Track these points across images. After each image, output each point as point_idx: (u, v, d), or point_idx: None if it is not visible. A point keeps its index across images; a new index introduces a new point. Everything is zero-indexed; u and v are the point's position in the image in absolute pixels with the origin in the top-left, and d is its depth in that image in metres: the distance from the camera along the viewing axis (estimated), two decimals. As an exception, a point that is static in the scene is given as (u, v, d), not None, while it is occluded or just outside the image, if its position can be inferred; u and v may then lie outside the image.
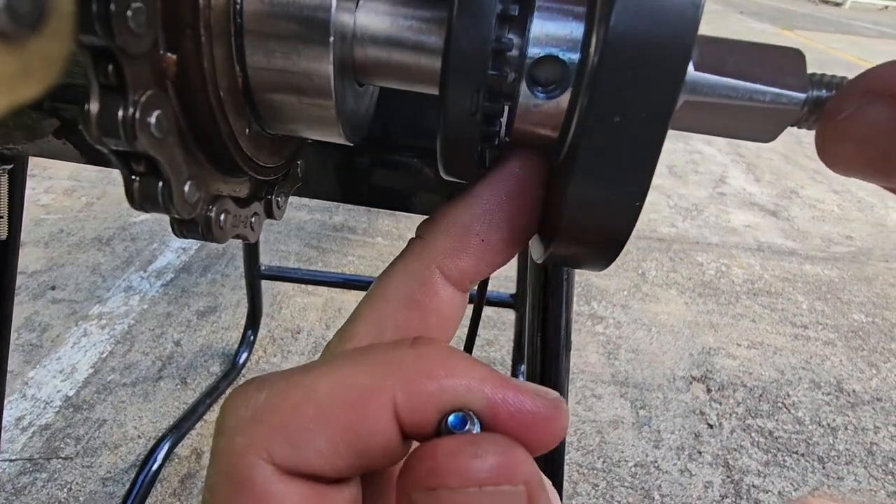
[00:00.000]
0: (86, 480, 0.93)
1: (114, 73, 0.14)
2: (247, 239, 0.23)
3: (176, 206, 0.17)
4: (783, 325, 1.42)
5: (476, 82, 0.16)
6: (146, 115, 0.15)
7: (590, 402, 1.16)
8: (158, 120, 0.15)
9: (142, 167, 0.16)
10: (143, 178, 0.16)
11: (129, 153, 0.15)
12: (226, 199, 0.21)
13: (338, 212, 1.75)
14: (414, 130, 0.35)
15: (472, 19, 0.15)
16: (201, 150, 0.19)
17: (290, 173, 0.26)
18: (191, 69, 0.16)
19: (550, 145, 0.18)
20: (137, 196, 0.16)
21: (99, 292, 1.33)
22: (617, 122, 0.13)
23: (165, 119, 0.16)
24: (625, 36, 0.13)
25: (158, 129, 0.15)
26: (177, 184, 0.17)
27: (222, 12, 0.17)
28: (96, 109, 0.14)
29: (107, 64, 0.14)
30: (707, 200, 2.01)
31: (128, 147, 0.15)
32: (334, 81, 0.18)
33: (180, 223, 0.19)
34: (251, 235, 0.23)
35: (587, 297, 1.46)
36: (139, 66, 0.15)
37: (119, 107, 0.14)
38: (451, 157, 0.19)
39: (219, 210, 0.20)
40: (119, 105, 0.14)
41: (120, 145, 0.15)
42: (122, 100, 0.14)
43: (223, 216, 0.20)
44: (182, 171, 0.17)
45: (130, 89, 0.14)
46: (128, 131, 0.14)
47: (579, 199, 0.15)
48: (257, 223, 0.23)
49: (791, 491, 1.01)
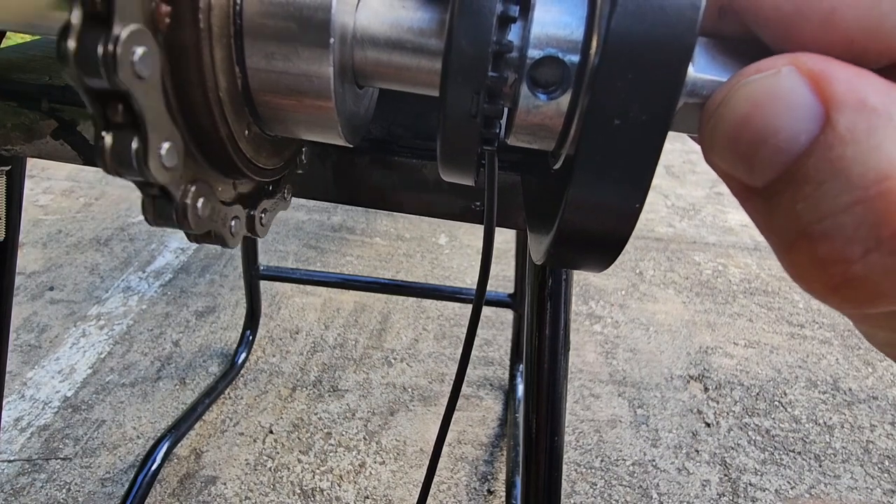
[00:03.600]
0: (84, 481, 0.93)
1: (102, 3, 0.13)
2: (224, 244, 0.20)
3: (151, 170, 0.15)
4: (780, 324, 1.42)
5: (476, 84, 0.16)
6: (129, 49, 0.13)
7: (588, 402, 1.16)
8: (143, 57, 0.14)
9: (119, 117, 0.14)
10: (118, 133, 0.15)
11: (108, 94, 0.14)
12: (206, 184, 0.19)
13: (336, 212, 1.75)
14: (413, 131, 0.35)
15: (473, 21, 0.15)
16: (200, 150, 0.19)
17: (276, 192, 0.25)
18: (190, 69, 0.16)
19: (550, 147, 0.18)
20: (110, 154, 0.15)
21: (97, 293, 1.33)
22: (617, 124, 0.13)
23: (150, 58, 0.14)
24: (625, 38, 0.13)
25: (143, 67, 0.14)
26: (154, 142, 0.15)
27: (222, 13, 0.17)
28: (75, 41, 0.13)
29: None
30: (704, 200, 2.01)
31: (106, 84, 0.13)
32: (334, 83, 0.18)
33: (153, 199, 0.17)
34: (230, 240, 0.21)
35: (585, 297, 1.47)
36: None
37: (100, 39, 0.13)
38: (450, 158, 0.19)
39: (197, 193, 0.18)
40: (101, 37, 0.13)
41: (96, 83, 0.13)
42: (105, 31, 0.13)
43: (201, 201, 0.18)
44: (162, 129, 0.15)
45: (116, 20, 0.13)
46: (108, 64, 0.13)
47: (579, 201, 0.15)
48: (237, 228, 0.22)
49: (788, 489, 1.02)
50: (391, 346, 1.26)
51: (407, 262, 1.56)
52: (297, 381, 1.15)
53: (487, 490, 0.98)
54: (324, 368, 1.19)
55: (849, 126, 0.12)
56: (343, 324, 1.32)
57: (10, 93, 0.34)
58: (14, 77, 0.35)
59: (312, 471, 0.98)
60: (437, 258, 1.58)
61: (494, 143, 0.18)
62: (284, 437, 1.03)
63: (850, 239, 0.12)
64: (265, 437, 1.03)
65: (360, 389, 1.15)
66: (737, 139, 0.13)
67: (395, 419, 1.09)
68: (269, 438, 1.03)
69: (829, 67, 0.12)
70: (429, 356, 1.24)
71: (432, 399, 1.14)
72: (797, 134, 0.12)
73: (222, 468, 0.96)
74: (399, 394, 1.14)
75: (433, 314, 1.36)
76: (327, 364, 1.20)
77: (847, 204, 0.11)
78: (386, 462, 1.00)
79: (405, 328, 1.31)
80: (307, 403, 1.10)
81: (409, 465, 1.00)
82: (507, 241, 1.39)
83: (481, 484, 0.99)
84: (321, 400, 1.11)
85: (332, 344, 1.26)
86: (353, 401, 1.12)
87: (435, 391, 1.16)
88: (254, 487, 0.94)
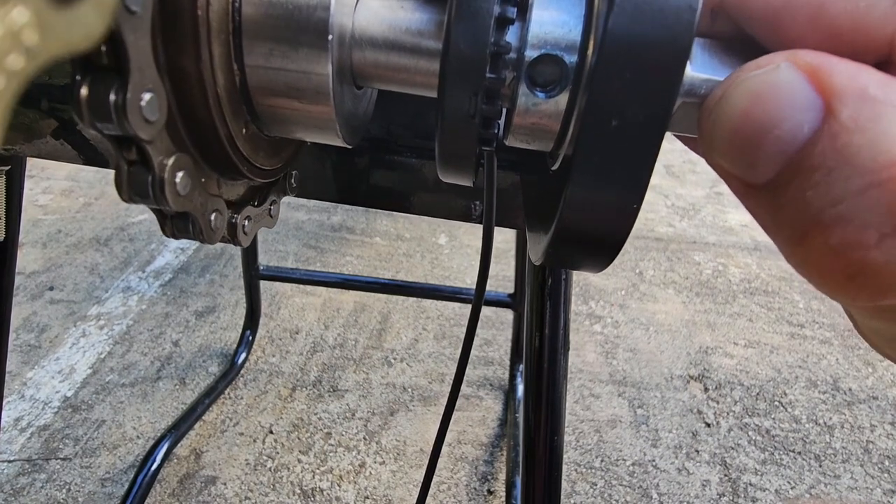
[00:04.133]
0: (84, 481, 0.93)
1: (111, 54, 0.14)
2: (239, 244, 0.22)
3: (167, 197, 0.16)
4: (780, 324, 1.42)
5: (474, 85, 0.16)
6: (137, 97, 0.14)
7: (588, 402, 1.16)
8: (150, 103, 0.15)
9: (133, 154, 0.15)
10: (133, 167, 0.15)
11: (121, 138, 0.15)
12: (218, 198, 0.20)
13: (336, 212, 1.75)
14: (412, 131, 0.35)
15: (471, 22, 0.15)
16: (199, 151, 0.19)
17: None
18: (189, 66, 0.16)
19: (548, 148, 0.18)
20: (126, 185, 0.16)
21: (97, 293, 1.33)
22: (615, 124, 0.13)
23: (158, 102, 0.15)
24: (622, 38, 0.13)
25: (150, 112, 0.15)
26: (169, 174, 0.16)
27: (221, 10, 0.17)
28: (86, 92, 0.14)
29: None
30: (704, 200, 2.01)
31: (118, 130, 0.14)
32: (332, 83, 0.18)
33: (170, 219, 0.18)
34: (244, 240, 0.22)
35: (585, 297, 1.47)
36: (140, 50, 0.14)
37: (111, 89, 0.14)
38: (449, 159, 0.19)
39: (210, 208, 0.19)
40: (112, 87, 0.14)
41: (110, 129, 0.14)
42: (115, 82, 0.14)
43: (214, 215, 0.19)
44: (174, 161, 0.16)
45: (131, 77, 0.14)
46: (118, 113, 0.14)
47: (577, 201, 0.15)
48: (249, 227, 0.23)
49: (788, 489, 1.02)
50: (391, 346, 1.26)
51: (407, 262, 1.55)
52: (296, 381, 1.15)
53: (487, 490, 0.98)
54: (324, 368, 1.19)
55: (852, 115, 0.12)
56: (343, 324, 1.32)
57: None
58: None
59: (312, 471, 0.98)
60: (436, 258, 1.58)
61: (493, 143, 0.18)
62: (284, 437, 1.03)
63: (865, 224, 0.11)
64: (265, 437, 1.03)
65: (359, 389, 1.15)
66: (738, 135, 0.13)
67: (395, 419, 1.09)
68: (269, 438, 1.03)
69: (826, 61, 0.12)
70: (429, 356, 1.24)
71: (432, 399, 1.14)
72: (799, 124, 0.12)
73: (222, 468, 0.96)
74: (399, 394, 1.14)
75: (433, 314, 1.36)
76: (327, 364, 1.20)
77: (859, 188, 0.11)
78: (386, 462, 1.00)
79: (405, 328, 1.31)
80: (307, 403, 1.10)
81: (409, 465, 1.00)
82: (507, 241, 1.39)
83: (481, 484, 0.99)
84: (321, 400, 1.11)
85: (331, 344, 1.26)
86: (353, 401, 1.12)
87: (435, 391, 1.16)
88: (254, 487, 0.94)
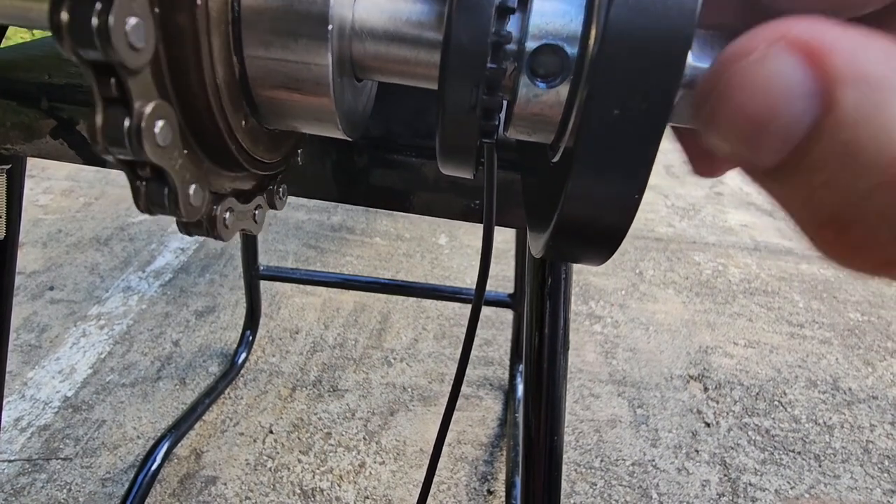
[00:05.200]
0: (85, 481, 0.93)
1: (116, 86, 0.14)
2: (251, 232, 0.23)
3: (182, 210, 0.17)
4: (780, 324, 1.42)
5: (475, 76, 0.16)
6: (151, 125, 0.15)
7: (588, 402, 1.16)
8: (163, 130, 0.15)
9: (147, 172, 0.16)
10: (149, 184, 0.16)
11: (135, 161, 0.16)
12: (229, 196, 0.20)
13: (336, 212, 1.75)
14: (412, 130, 0.36)
15: (472, 13, 0.15)
16: (200, 146, 0.19)
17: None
18: (188, 57, 0.16)
19: (549, 140, 0.18)
20: (144, 201, 0.17)
21: (97, 292, 1.33)
22: (616, 115, 0.13)
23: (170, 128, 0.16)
24: (624, 28, 0.13)
25: (163, 139, 0.15)
26: (182, 188, 0.17)
27: (221, 3, 0.17)
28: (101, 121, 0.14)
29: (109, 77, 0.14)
30: (704, 200, 2.01)
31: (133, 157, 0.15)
32: (332, 76, 0.18)
33: (186, 224, 0.19)
34: (255, 228, 0.23)
35: (585, 297, 1.47)
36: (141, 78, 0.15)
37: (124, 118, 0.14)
38: (450, 151, 0.19)
39: (223, 209, 0.20)
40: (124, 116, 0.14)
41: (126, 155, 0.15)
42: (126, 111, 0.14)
43: (227, 214, 0.20)
44: (186, 175, 0.17)
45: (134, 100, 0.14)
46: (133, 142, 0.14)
47: (578, 193, 0.15)
48: (260, 216, 0.23)
49: (788, 489, 1.02)
50: (391, 345, 1.26)
51: (407, 262, 1.56)
52: (296, 381, 1.15)
53: (487, 490, 0.98)
54: (324, 368, 1.19)
55: (854, 103, 0.11)
56: (343, 324, 1.32)
57: (10, 92, 0.34)
58: (14, 76, 0.35)
59: (312, 471, 0.98)
60: (436, 258, 1.58)
61: (494, 135, 0.18)
62: (284, 437, 1.03)
63: (879, 225, 0.11)
64: (265, 437, 1.03)
65: (359, 389, 1.15)
66: (735, 126, 0.13)
67: (395, 419, 1.09)
68: (269, 438, 1.03)
69: (822, 36, 0.11)
70: (428, 356, 1.24)
71: (432, 399, 1.14)
72: (799, 115, 0.12)
73: (222, 468, 0.96)
74: (399, 394, 1.14)
75: (433, 314, 1.36)
76: (327, 364, 1.20)
77: (868, 190, 0.11)
78: (386, 462, 1.00)
79: (405, 328, 1.31)
80: (307, 403, 1.10)
81: (409, 465, 1.00)
82: (507, 241, 1.39)
83: (481, 484, 0.99)
84: (321, 400, 1.11)
85: (331, 344, 1.26)
86: (353, 401, 1.12)
87: (435, 391, 1.16)
88: (254, 487, 0.94)
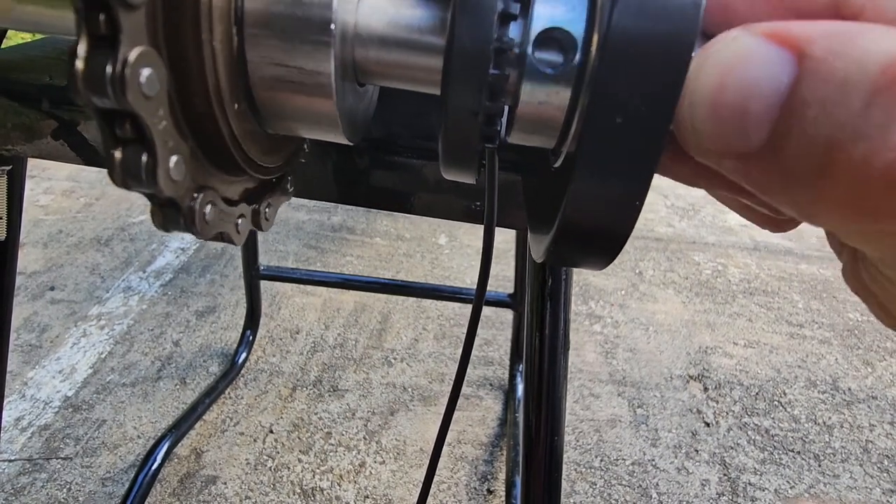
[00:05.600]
0: (85, 480, 0.93)
1: (106, 24, 0.13)
2: (231, 241, 0.21)
3: (160, 182, 0.15)
4: (779, 324, 1.42)
5: (478, 81, 0.16)
6: (136, 71, 0.14)
7: (588, 402, 1.16)
8: (149, 77, 0.14)
9: (127, 132, 0.15)
10: (127, 148, 0.15)
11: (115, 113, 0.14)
12: (213, 191, 0.19)
13: (336, 212, 1.75)
14: (413, 131, 0.36)
15: (474, 18, 0.15)
16: (200, 147, 0.19)
17: (279, 186, 0.25)
18: (191, 62, 0.16)
19: (551, 145, 0.18)
20: (119, 171, 0.15)
21: (98, 293, 1.33)
22: (618, 121, 0.13)
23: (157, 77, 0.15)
24: (626, 34, 0.13)
25: (149, 87, 0.14)
26: (163, 155, 0.15)
27: (223, 3, 0.17)
28: (83, 63, 0.13)
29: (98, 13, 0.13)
30: (704, 200, 2.01)
31: (115, 104, 0.14)
32: (335, 80, 0.18)
33: (162, 208, 0.17)
34: (237, 239, 0.21)
35: (585, 297, 1.47)
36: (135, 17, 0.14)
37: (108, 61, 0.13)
38: (452, 156, 0.19)
39: (205, 200, 0.18)
40: (108, 59, 0.13)
41: (106, 103, 0.14)
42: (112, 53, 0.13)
43: (209, 208, 0.18)
44: (169, 142, 0.16)
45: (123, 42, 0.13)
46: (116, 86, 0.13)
47: (580, 197, 0.15)
48: (243, 226, 0.22)
49: (787, 489, 1.02)
50: (391, 345, 1.26)
51: (407, 262, 1.56)
52: (297, 380, 1.16)
53: (487, 490, 0.98)
54: (324, 368, 1.19)
55: (826, 46, 0.12)
56: (343, 324, 1.32)
57: (11, 93, 0.34)
58: (14, 77, 0.35)
59: (312, 470, 0.98)
60: (437, 258, 1.58)
61: (496, 140, 0.18)
62: (284, 436, 1.03)
63: (885, 129, 0.11)
64: (265, 436, 1.03)
65: (360, 389, 1.15)
66: (719, 109, 0.13)
67: (395, 419, 1.09)
68: (270, 438, 1.03)
69: (780, 23, 0.13)
70: (429, 356, 1.24)
71: (432, 399, 1.14)
72: (777, 77, 0.12)
73: (222, 468, 0.97)
74: (399, 393, 1.14)
75: (433, 314, 1.36)
76: (327, 364, 1.20)
77: (864, 102, 0.11)
78: (386, 462, 1.00)
79: (405, 328, 1.31)
80: (307, 403, 1.11)
81: (409, 465, 1.00)
82: (507, 242, 1.39)
83: (481, 483, 0.99)
84: (321, 400, 1.12)
85: (332, 344, 1.26)
86: (353, 400, 1.12)
87: (435, 391, 1.16)
88: (254, 487, 0.94)
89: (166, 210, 0.17)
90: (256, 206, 0.23)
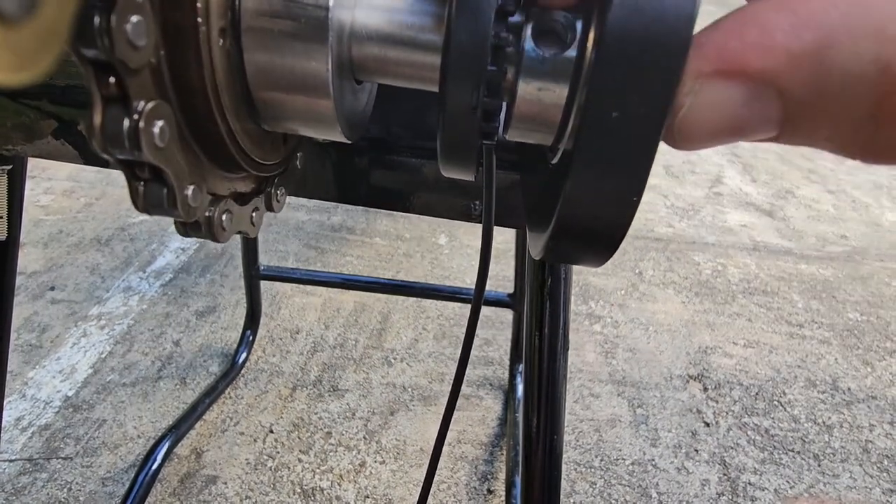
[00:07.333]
0: (86, 480, 0.93)
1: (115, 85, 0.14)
2: (248, 235, 0.23)
3: (180, 210, 0.17)
4: (779, 324, 1.42)
5: (476, 78, 0.16)
6: (149, 125, 0.15)
7: (587, 401, 1.16)
8: (161, 130, 0.15)
9: (146, 173, 0.16)
10: (148, 185, 0.17)
11: (134, 161, 0.16)
12: (227, 198, 0.21)
13: (336, 212, 1.75)
14: (412, 131, 0.36)
15: (472, 15, 0.15)
16: (200, 147, 0.19)
17: (289, 165, 0.26)
18: (189, 63, 0.16)
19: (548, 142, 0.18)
20: (142, 202, 0.17)
21: (98, 293, 1.33)
22: (615, 117, 0.13)
23: (168, 128, 0.16)
24: (622, 31, 0.13)
25: (161, 139, 0.15)
26: (180, 188, 0.17)
27: (221, 5, 0.17)
28: (99, 120, 0.14)
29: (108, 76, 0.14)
30: (703, 200, 2.01)
31: (132, 156, 0.15)
32: (332, 78, 0.18)
33: (184, 225, 0.19)
34: (252, 231, 0.23)
35: (585, 297, 1.47)
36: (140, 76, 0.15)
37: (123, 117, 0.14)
38: (451, 153, 0.19)
39: (220, 210, 0.20)
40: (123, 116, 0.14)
41: (124, 154, 0.15)
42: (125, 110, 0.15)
43: (225, 216, 0.20)
44: (184, 176, 0.17)
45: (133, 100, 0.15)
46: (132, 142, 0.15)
47: (577, 194, 0.15)
48: (258, 218, 0.23)
49: (787, 489, 1.02)
50: (391, 345, 1.26)
51: (407, 262, 1.56)
52: (297, 380, 1.16)
53: (487, 489, 0.98)
54: (324, 368, 1.19)
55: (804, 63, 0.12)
56: (343, 324, 1.32)
57: (11, 92, 0.34)
58: None
59: (313, 470, 0.98)
60: (436, 258, 1.58)
61: (494, 137, 0.18)
62: (285, 436, 1.03)
63: None
64: (265, 436, 1.03)
65: (360, 389, 1.15)
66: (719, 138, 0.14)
67: (395, 419, 1.09)
68: (270, 438, 1.03)
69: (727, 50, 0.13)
70: (429, 356, 1.24)
71: (432, 399, 1.14)
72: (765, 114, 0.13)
73: (223, 468, 0.97)
74: (399, 393, 1.14)
75: (433, 314, 1.36)
76: (327, 364, 1.20)
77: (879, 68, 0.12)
78: (386, 461, 1.01)
79: (405, 328, 1.32)
80: (307, 403, 1.11)
81: (409, 465, 1.00)
82: (507, 241, 1.39)
83: (481, 483, 0.99)
84: (321, 399, 1.12)
85: (332, 344, 1.26)
86: (354, 400, 1.12)
87: (435, 391, 1.16)
88: (254, 487, 0.94)
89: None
90: (270, 190, 0.24)
